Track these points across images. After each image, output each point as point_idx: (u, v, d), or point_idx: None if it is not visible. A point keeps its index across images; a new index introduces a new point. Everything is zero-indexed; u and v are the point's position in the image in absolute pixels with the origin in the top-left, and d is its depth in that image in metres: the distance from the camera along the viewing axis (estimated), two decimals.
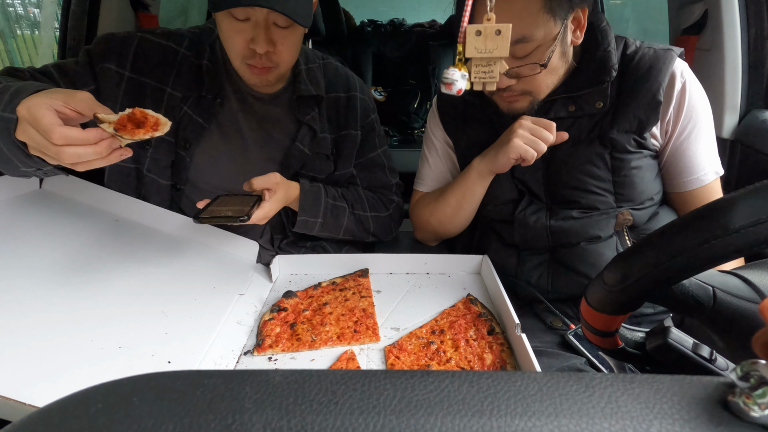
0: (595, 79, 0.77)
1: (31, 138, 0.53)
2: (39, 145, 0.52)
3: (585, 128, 0.80)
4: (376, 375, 0.24)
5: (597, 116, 0.79)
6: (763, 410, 0.21)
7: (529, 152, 0.73)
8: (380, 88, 2.55)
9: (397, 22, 2.77)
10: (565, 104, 0.79)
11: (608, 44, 0.77)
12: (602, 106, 0.77)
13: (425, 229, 0.97)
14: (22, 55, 2.11)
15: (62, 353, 0.54)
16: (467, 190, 0.86)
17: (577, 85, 0.78)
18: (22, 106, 0.52)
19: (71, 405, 0.22)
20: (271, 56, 0.74)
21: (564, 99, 0.79)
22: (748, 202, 0.35)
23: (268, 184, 0.76)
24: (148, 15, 1.34)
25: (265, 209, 0.74)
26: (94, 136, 0.53)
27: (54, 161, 0.54)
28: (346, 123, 0.92)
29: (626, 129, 0.77)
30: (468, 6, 0.51)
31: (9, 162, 0.60)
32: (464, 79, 0.53)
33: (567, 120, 0.80)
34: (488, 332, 0.68)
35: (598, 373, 0.24)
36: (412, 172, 1.02)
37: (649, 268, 0.39)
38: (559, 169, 0.81)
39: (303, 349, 0.66)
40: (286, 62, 0.77)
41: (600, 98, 0.77)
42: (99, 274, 0.69)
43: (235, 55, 0.75)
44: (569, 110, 0.79)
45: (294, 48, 0.77)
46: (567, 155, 0.80)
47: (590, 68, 0.77)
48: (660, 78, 0.75)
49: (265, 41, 0.71)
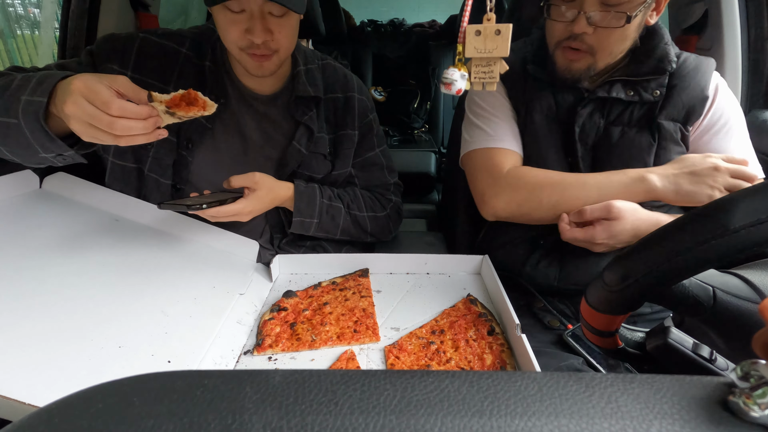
0: (657, 68, 0.80)
1: (84, 110, 0.55)
2: (92, 117, 0.55)
3: (636, 115, 0.82)
4: (376, 375, 0.24)
5: (648, 105, 0.81)
6: (763, 410, 0.21)
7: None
8: (380, 88, 2.55)
9: (397, 22, 2.77)
10: (625, 87, 0.81)
11: (667, 41, 0.81)
12: (659, 95, 0.80)
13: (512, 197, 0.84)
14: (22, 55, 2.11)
15: (62, 353, 0.54)
16: (611, 196, 0.76)
17: (639, 71, 0.81)
18: (78, 81, 0.56)
19: (71, 405, 0.22)
20: (269, 44, 0.74)
21: (625, 82, 0.81)
22: (748, 202, 0.35)
23: (246, 183, 0.77)
24: (148, 15, 1.34)
25: (238, 205, 0.75)
26: (146, 111, 0.58)
27: (101, 135, 0.57)
28: (343, 123, 0.92)
29: (674, 117, 0.80)
30: (468, 6, 0.51)
31: (29, 147, 0.62)
32: (464, 79, 0.53)
33: (621, 103, 0.82)
34: (488, 332, 0.68)
35: (598, 373, 0.24)
36: (412, 172, 1.02)
37: (649, 268, 0.39)
38: (609, 153, 0.82)
39: (303, 348, 0.66)
40: (285, 47, 0.77)
41: (657, 87, 0.80)
42: (99, 274, 0.69)
43: (233, 46, 0.75)
44: (628, 94, 0.81)
45: (291, 34, 0.77)
46: (617, 140, 0.82)
47: (652, 57, 0.80)
48: (706, 77, 0.80)
49: (262, 31, 0.71)
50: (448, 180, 1.23)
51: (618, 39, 0.76)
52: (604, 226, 0.73)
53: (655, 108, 0.80)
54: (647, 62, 0.81)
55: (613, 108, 0.82)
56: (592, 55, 0.78)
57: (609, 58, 0.79)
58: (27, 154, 0.64)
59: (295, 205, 0.86)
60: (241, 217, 0.78)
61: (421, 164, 1.86)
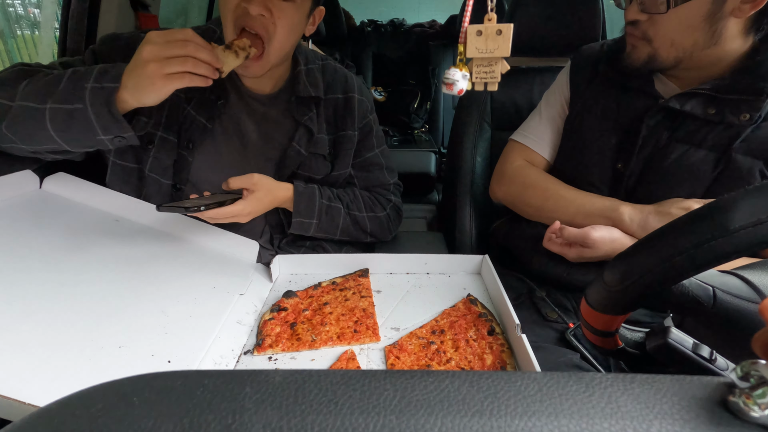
0: (755, 87, 0.66)
1: (161, 41, 0.62)
2: (167, 44, 0.62)
3: (711, 138, 0.71)
4: (376, 375, 0.24)
5: (731, 130, 0.69)
6: (763, 410, 0.21)
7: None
8: (380, 88, 2.55)
9: (397, 22, 2.77)
10: (706, 103, 0.70)
11: None
12: (748, 119, 0.67)
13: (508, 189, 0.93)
14: (22, 56, 2.11)
15: (62, 353, 0.54)
16: (584, 216, 0.79)
17: (731, 86, 0.68)
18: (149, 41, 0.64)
19: (71, 405, 0.22)
20: (265, 23, 0.71)
21: (708, 97, 0.70)
22: (748, 202, 0.35)
23: (245, 184, 0.77)
24: (148, 15, 1.34)
25: (237, 207, 0.76)
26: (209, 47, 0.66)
27: (174, 65, 0.62)
28: (343, 124, 0.92)
29: (756, 153, 0.68)
30: (469, 6, 0.51)
31: (89, 131, 0.66)
32: (465, 80, 0.53)
33: (698, 121, 0.71)
34: (488, 333, 0.68)
35: (598, 373, 0.24)
36: (412, 173, 1.02)
37: (649, 268, 0.39)
38: (659, 169, 0.75)
39: (303, 348, 0.66)
40: (278, 41, 0.74)
41: (749, 110, 0.67)
42: (99, 274, 0.69)
43: (229, 21, 0.72)
44: (707, 112, 0.70)
45: (289, 28, 0.74)
46: (675, 158, 0.73)
47: (758, 71, 0.67)
48: None
49: (260, 3, 0.69)
50: (447, 180, 1.23)
51: (677, 29, 0.67)
52: (577, 250, 0.78)
53: (738, 132, 0.68)
54: (747, 77, 0.67)
55: (685, 123, 0.72)
56: (649, 43, 0.72)
57: (671, 53, 0.70)
58: (84, 138, 0.67)
59: (294, 206, 0.86)
60: (240, 218, 0.79)
61: (421, 164, 1.86)
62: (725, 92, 0.69)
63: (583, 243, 0.76)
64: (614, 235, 0.75)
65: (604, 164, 0.82)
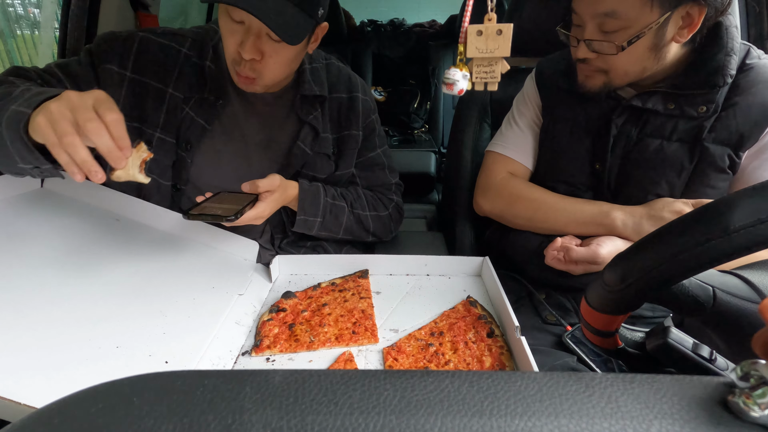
0: (706, 82, 0.72)
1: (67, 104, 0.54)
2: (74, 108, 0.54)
3: (679, 130, 0.75)
4: (375, 375, 0.24)
5: (695, 121, 0.74)
6: (763, 410, 0.21)
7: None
8: (380, 88, 2.55)
9: (397, 22, 2.77)
10: (665, 100, 0.75)
11: (731, 48, 0.71)
12: (705, 111, 0.73)
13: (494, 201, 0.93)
14: (22, 55, 2.11)
15: (61, 353, 0.54)
16: (577, 224, 0.82)
17: (685, 83, 0.74)
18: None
19: (71, 405, 0.22)
20: (255, 65, 0.73)
21: (665, 94, 0.75)
22: (748, 202, 0.35)
23: (270, 187, 0.76)
24: (148, 15, 1.35)
25: (258, 210, 0.74)
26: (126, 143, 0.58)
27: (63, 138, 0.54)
28: (347, 123, 0.92)
29: (724, 140, 0.73)
30: (469, 6, 0.51)
31: (9, 157, 0.61)
32: (465, 80, 0.53)
33: (661, 116, 0.76)
34: (488, 335, 0.67)
35: (598, 374, 0.24)
36: (412, 172, 1.02)
37: (649, 268, 0.39)
38: (638, 165, 0.78)
39: (301, 350, 0.66)
40: (270, 77, 0.76)
41: (705, 103, 0.73)
42: (98, 274, 0.69)
43: (227, 55, 0.75)
44: (667, 107, 0.75)
45: (282, 64, 0.75)
46: (651, 153, 0.77)
47: (705, 69, 0.72)
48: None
49: (253, 48, 0.70)
50: (448, 180, 1.23)
51: (627, 62, 0.72)
52: (584, 267, 0.78)
53: (702, 124, 0.73)
54: (697, 74, 0.73)
55: (650, 119, 0.77)
56: (604, 74, 0.76)
57: (627, 78, 0.75)
58: (7, 164, 0.63)
59: (299, 204, 0.85)
60: (259, 220, 0.77)
61: (421, 164, 1.86)
62: (681, 88, 0.75)
63: (592, 262, 0.76)
64: (618, 245, 0.77)
65: (582, 167, 0.85)
